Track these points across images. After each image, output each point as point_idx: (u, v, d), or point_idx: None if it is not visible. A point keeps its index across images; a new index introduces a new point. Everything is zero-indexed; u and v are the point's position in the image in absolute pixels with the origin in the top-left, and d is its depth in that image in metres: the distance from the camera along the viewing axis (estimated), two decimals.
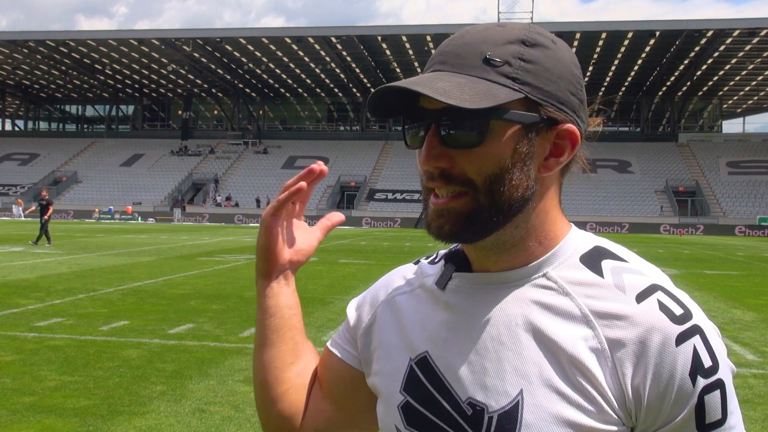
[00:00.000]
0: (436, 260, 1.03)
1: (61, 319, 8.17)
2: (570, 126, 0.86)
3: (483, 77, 0.82)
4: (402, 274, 1.04)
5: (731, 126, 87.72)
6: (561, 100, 0.85)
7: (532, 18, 54.00)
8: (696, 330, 0.81)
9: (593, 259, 0.88)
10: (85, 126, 76.66)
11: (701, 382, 0.79)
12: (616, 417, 0.81)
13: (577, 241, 0.91)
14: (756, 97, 66.32)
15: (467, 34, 0.86)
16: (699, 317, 0.82)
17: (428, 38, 50.61)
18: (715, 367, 0.80)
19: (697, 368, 0.79)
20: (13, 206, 49.74)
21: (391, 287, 1.03)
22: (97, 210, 51.67)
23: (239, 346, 6.91)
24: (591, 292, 0.85)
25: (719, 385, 0.80)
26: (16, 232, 28.50)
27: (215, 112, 74.78)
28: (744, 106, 70.57)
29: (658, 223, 48.61)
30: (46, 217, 20.96)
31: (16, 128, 76.47)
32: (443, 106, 0.82)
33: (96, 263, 15.38)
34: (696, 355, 0.79)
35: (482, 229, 0.85)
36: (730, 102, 69.24)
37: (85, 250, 19.19)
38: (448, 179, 0.84)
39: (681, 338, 0.80)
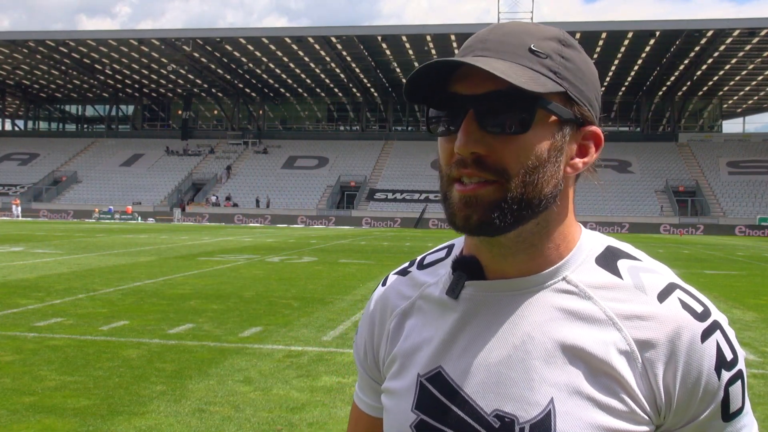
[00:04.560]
0: (425, 265, 1.00)
1: (61, 319, 8.17)
2: (596, 128, 0.87)
3: (528, 66, 0.82)
4: (395, 289, 1.00)
5: (731, 126, 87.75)
6: (590, 102, 0.86)
7: (531, 18, 53.98)
8: (717, 325, 0.83)
9: (608, 260, 0.88)
10: (85, 126, 76.63)
11: (725, 375, 0.82)
12: (646, 417, 0.82)
13: (590, 242, 0.91)
14: (756, 97, 66.29)
15: (505, 26, 0.86)
16: (715, 311, 0.85)
17: (428, 38, 50.61)
18: (735, 359, 0.83)
19: (721, 363, 0.82)
20: (13, 206, 49.76)
21: (390, 305, 0.99)
22: (97, 210, 51.65)
23: (239, 346, 6.91)
24: (612, 295, 0.85)
25: (740, 375, 0.83)
26: (16, 232, 28.49)
27: (215, 112, 74.76)
28: (744, 106, 70.54)
29: (658, 223, 48.61)
30: None
31: (16, 128, 76.45)
32: (485, 91, 0.81)
33: (96, 263, 15.38)
34: (719, 350, 0.82)
35: (510, 220, 0.82)
36: (730, 102, 69.22)
37: (85, 250, 19.19)
38: (481, 167, 0.81)
39: (705, 335, 0.82)
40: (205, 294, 10.64)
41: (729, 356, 0.82)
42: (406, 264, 1.04)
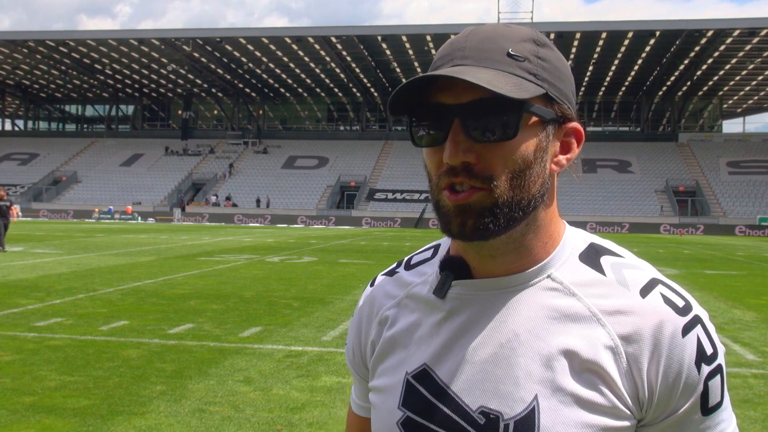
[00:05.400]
0: (412, 265, 1.01)
1: (61, 319, 8.17)
2: (576, 124, 0.89)
3: (509, 71, 0.82)
4: (382, 289, 1.02)
5: (731, 126, 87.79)
6: (569, 99, 0.88)
7: (532, 18, 54.00)
8: (697, 320, 0.84)
9: (592, 257, 0.90)
10: (85, 126, 76.62)
11: (705, 369, 0.83)
12: (628, 412, 0.83)
13: (573, 239, 0.92)
14: (756, 97, 66.30)
15: (479, 31, 0.86)
16: (696, 306, 0.86)
17: (428, 38, 50.60)
18: (715, 354, 0.84)
19: (701, 357, 0.83)
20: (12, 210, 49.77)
21: (376, 305, 1.00)
22: (96, 210, 51.66)
23: (239, 346, 6.91)
24: (596, 291, 0.86)
25: (719, 369, 0.84)
26: (15, 233, 28.49)
27: (215, 112, 74.77)
28: (744, 106, 70.56)
29: (658, 223, 48.61)
30: (14, 219, 20.36)
31: (16, 128, 76.44)
32: (470, 100, 0.81)
33: (96, 263, 15.38)
34: (700, 344, 0.83)
35: (503, 223, 0.83)
36: (730, 102, 69.23)
37: (85, 250, 19.19)
38: (471, 174, 0.82)
39: (686, 329, 0.83)
40: (205, 294, 10.64)
41: (709, 350, 0.83)
42: (394, 265, 1.05)
